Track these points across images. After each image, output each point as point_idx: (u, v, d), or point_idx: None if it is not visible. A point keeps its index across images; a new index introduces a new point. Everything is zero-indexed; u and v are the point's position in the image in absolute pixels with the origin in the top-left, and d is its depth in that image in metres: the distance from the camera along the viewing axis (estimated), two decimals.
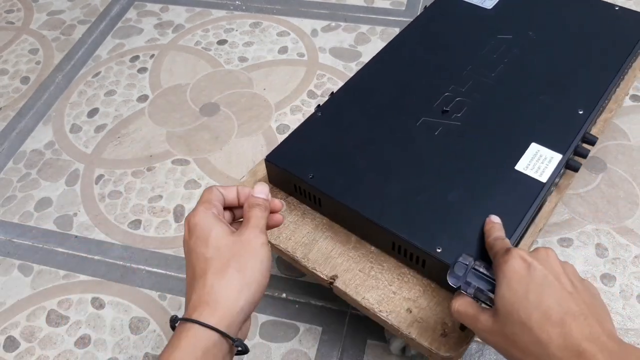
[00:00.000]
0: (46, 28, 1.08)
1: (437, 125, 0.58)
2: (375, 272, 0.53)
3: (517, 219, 0.50)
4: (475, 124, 0.59)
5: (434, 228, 0.50)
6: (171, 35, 1.03)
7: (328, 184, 0.54)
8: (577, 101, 0.60)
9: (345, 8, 1.05)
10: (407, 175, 0.54)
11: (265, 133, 0.85)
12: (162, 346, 0.64)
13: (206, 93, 0.92)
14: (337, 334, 0.63)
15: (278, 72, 0.94)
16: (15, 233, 0.76)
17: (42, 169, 0.84)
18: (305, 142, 0.58)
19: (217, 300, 0.38)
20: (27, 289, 0.70)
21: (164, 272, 0.71)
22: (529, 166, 0.54)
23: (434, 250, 0.48)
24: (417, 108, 0.60)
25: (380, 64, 0.66)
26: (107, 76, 0.97)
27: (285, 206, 0.51)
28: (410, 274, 0.52)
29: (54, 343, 0.65)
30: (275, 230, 0.55)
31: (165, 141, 0.86)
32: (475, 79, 0.63)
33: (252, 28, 1.03)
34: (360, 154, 0.56)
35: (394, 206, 0.52)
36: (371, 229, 0.52)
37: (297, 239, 0.56)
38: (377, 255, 0.54)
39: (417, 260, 0.51)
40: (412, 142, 0.57)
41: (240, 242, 0.41)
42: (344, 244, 0.55)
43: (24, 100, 0.94)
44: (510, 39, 0.68)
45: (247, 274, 0.40)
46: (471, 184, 0.53)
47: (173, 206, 0.77)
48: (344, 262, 0.53)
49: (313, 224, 0.57)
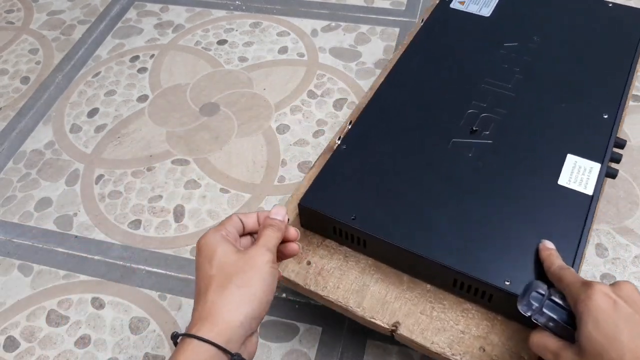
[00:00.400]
0: (46, 28, 1.08)
1: (468, 145, 0.56)
2: (438, 312, 0.50)
3: (575, 239, 0.48)
4: (507, 140, 0.57)
5: (496, 259, 0.48)
6: (171, 35, 1.03)
7: (373, 224, 0.51)
8: (599, 105, 0.59)
9: (345, 8, 1.05)
10: (452, 203, 0.52)
11: (265, 133, 0.85)
12: (162, 346, 0.64)
13: (206, 93, 0.92)
14: (337, 334, 0.63)
15: (278, 72, 0.94)
16: (15, 233, 0.76)
17: (42, 169, 0.84)
18: (337, 179, 0.55)
19: (215, 315, 0.39)
20: (27, 289, 0.70)
21: (164, 272, 0.71)
22: (571, 179, 0.53)
23: (502, 283, 0.46)
24: (444, 129, 0.58)
25: (393, 86, 0.64)
26: (107, 76, 0.97)
27: (299, 235, 0.48)
28: (474, 309, 0.49)
29: (54, 343, 0.65)
30: (321, 280, 0.53)
31: (165, 141, 0.86)
32: (494, 92, 0.62)
33: (252, 28, 1.03)
34: (397, 185, 0.53)
35: (449, 240, 0.49)
36: (427, 267, 0.49)
37: (345, 286, 0.52)
38: (435, 294, 0.51)
39: (482, 295, 0.48)
40: (448, 167, 0.55)
41: (244, 259, 0.41)
42: (397, 285, 0.52)
43: (24, 100, 0.94)
44: (516, 46, 0.67)
45: (248, 290, 0.40)
46: (519, 206, 0.51)
47: (173, 206, 0.77)
48: (402, 306, 0.50)
49: (359, 267, 0.53)
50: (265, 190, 0.78)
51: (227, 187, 0.79)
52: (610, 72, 0.63)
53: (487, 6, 0.73)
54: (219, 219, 0.75)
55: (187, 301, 0.68)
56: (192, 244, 0.73)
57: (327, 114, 0.87)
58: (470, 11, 0.73)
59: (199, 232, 0.74)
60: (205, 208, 0.76)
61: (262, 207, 0.76)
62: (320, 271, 0.54)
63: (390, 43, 0.97)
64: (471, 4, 0.74)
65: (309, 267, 0.54)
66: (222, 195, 0.78)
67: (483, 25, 0.71)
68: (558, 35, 0.68)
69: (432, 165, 0.55)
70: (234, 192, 0.78)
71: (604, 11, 0.71)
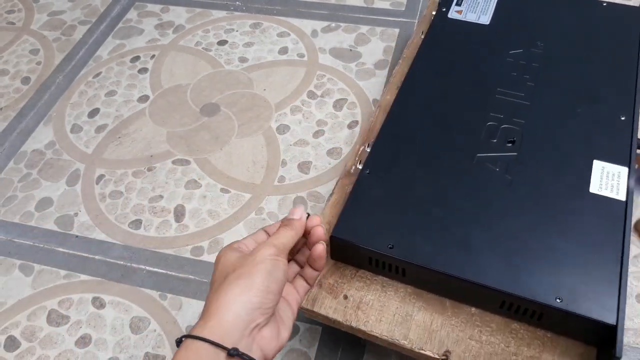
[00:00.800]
0: (47, 28, 1.08)
1: (494, 160, 0.56)
2: (487, 336, 0.48)
3: (617, 248, 0.48)
4: (530, 150, 0.56)
5: (543, 277, 0.47)
6: (172, 36, 1.04)
7: (412, 251, 0.49)
8: (614, 107, 0.59)
9: (345, 9, 1.05)
10: (488, 221, 0.51)
11: (265, 133, 0.85)
12: (163, 346, 0.64)
13: (206, 93, 0.92)
14: (337, 334, 0.63)
15: (278, 73, 0.94)
16: (16, 233, 0.76)
17: (42, 169, 0.84)
18: (367, 207, 0.53)
19: (210, 312, 0.38)
20: (27, 289, 0.70)
21: (164, 271, 0.71)
22: (602, 186, 0.52)
23: (555, 301, 0.45)
24: (467, 145, 0.57)
25: (406, 105, 0.63)
26: (107, 76, 0.97)
27: (324, 230, 0.45)
28: (522, 329, 0.48)
29: (54, 343, 0.65)
30: (361, 315, 0.50)
31: (166, 141, 0.86)
32: (509, 101, 0.61)
33: (253, 29, 1.03)
34: (429, 208, 0.52)
35: (492, 261, 0.48)
36: (473, 291, 0.48)
37: (388, 318, 0.50)
38: (481, 317, 0.49)
39: (532, 315, 0.47)
40: (478, 185, 0.54)
41: (245, 256, 0.41)
42: (441, 312, 0.50)
43: (24, 101, 0.94)
44: (522, 52, 0.67)
45: (244, 281, 0.39)
46: (556, 219, 0.50)
47: (173, 206, 0.77)
48: (449, 333, 0.48)
49: (398, 296, 0.51)
50: (266, 191, 0.78)
51: (228, 187, 0.79)
52: (617, 72, 0.63)
53: (484, 14, 0.73)
54: (219, 219, 0.75)
55: (188, 301, 0.68)
56: (193, 244, 0.73)
57: (327, 114, 0.87)
58: (469, 20, 0.73)
59: (200, 232, 0.74)
60: (205, 208, 0.77)
61: (262, 207, 0.76)
62: (359, 305, 0.51)
63: (390, 43, 0.97)
64: (469, 12, 0.73)
65: (346, 302, 0.52)
66: (222, 195, 0.78)
67: (484, 33, 0.70)
68: (560, 38, 0.68)
69: (461, 183, 0.54)
70: (234, 192, 0.78)
71: (600, 11, 0.71)
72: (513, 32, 0.70)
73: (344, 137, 0.83)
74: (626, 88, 0.61)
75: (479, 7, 0.74)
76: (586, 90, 0.62)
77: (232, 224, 0.75)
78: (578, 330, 0.46)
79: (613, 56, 0.65)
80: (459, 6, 0.74)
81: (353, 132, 0.84)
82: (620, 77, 0.62)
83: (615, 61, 0.64)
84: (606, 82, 0.62)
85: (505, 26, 0.71)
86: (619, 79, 0.62)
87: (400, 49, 0.96)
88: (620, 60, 0.64)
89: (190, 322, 0.66)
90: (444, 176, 0.55)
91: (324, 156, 0.81)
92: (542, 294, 0.46)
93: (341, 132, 0.84)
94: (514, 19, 0.72)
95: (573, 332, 0.47)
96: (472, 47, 0.69)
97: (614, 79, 0.62)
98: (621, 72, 0.63)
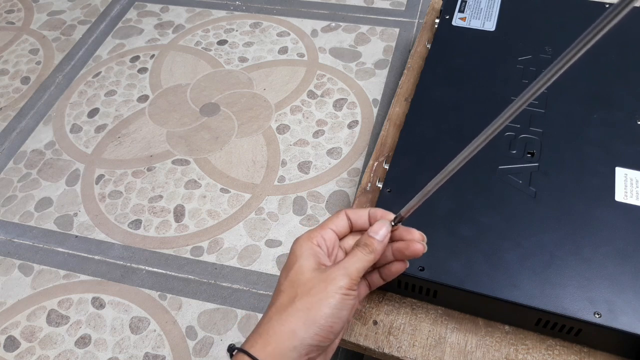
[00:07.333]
0: (46, 28, 1.08)
1: (516, 171, 0.54)
2: (523, 354, 0.47)
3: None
4: (551, 160, 0.55)
5: (579, 292, 0.45)
6: (171, 36, 1.04)
7: (444, 273, 0.47)
8: (630, 111, 0.58)
9: (345, 8, 1.05)
10: (516, 237, 0.49)
11: (265, 133, 0.85)
12: (162, 346, 0.64)
13: (206, 93, 0.92)
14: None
15: (278, 72, 0.94)
16: (16, 233, 0.76)
17: (42, 169, 0.84)
18: None
19: (270, 334, 0.38)
20: (27, 289, 0.70)
21: (164, 271, 0.71)
22: (627, 194, 0.51)
23: (593, 317, 0.44)
24: (487, 157, 0.55)
25: (420, 118, 0.61)
26: (107, 76, 0.97)
27: (424, 236, 0.44)
28: (558, 345, 0.47)
29: (54, 343, 0.65)
30: (393, 340, 0.49)
31: (166, 141, 0.86)
32: (524, 110, 0.58)
33: (252, 28, 1.03)
34: (457, 227, 0.50)
35: (525, 278, 0.47)
36: (508, 310, 0.47)
37: (421, 342, 0.48)
38: (515, 335, 0.48)
39: (569, 331, 0.46)
40: (502, 198, 0.52)
41: (318, 279, 0.39)
42: (474, 332, 0.49)
43: (24, 101, 0.94)
44: (531, 58, 0.66)
45: (308, 314, 0.38)
46: (586, 231, 0.49)
47: (173, 206, 0.77)
48: (485, 354, 0.47)
49: (429, 318, 0.50)
50: (266, 191, 0.78)
51: (228, 187, 0.79)
52: (628, 75, 0.62)
53: (489, 20, 0.72)
54: (219, 219, 0.75)
55: (187, 301, 0.68)
56: (193, 244, 0.73)
57: (327, 114, 0.87)
58: (474, 27, 0.71)
59: (199, 232, 0.74)
60: (205, 208, 0.77)
61: (262, 207, 0.76)
62: (390, 329, 0.50)
63: (390, 43, 0.97)
64: (473, 19, 0.72)
65: (376, 328, 0.50)
66: (222, 195, 0.78)
67: (491, 40, 0.69)
68: (567, 42, 0.68)
69: (486, 198, 0.52)
70: (234, 192, 0.78)
71: (600, 13, 0.71)
72: (520, 38, 0.69)
73: (344, 137, 0.83)
74: (638, 91, 0.60)
75: (482, 13, 0.73)
76: (599, 95, 0.61)
77: (232, 224, 0.75)
78: (616, 345, 0.46)
79: (621, 59, 0.64)
80: (462, 13, 0.73)
81: (353, 132, 0.84)
82: (633, 80, 0.61)
83: (624, 64, 0.63)
84: (618, 86, 0.61)
85: (512, 32, 0.70)
86: (632, 83, 0.61)
87: (401, 48, 0.96)
88: (629, 62, 0.64)
89: (189, 322, 0.66)
90: (468, 191, 0.53)
91: (324, 156, 0.81)
92: (580, 310, 0.45)
93: (341, 132, 0.84)
94: (519, 24, 0.70)
95: (611, 346, 0.46)
96: (480, 55, 0.68)
97: (627, 82, 0.61)
98: (634, 76, 0.62)
